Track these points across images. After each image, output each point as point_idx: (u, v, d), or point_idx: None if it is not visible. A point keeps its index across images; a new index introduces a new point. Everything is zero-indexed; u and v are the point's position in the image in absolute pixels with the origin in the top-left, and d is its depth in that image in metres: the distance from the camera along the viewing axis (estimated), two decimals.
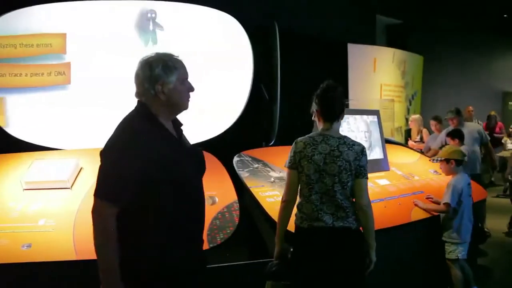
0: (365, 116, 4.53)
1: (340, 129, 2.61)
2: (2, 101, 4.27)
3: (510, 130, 9.19)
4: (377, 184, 4.19)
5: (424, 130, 7.31)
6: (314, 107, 2.63)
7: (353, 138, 2.60)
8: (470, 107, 9.09)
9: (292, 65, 6.12)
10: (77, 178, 3.35)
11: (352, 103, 7.00)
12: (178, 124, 2.03)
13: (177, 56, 1.98)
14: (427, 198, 4.06)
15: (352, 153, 2.50)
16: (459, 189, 3.75)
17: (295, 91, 6.26)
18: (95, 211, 1.77)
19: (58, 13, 4.41)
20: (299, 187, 2.53)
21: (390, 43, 10.18)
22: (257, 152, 4.16)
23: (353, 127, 4.27)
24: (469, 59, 12.81)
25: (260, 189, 3.44)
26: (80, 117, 4.37)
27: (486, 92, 13.44)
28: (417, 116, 7.64)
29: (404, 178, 4.47)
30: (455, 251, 3.76)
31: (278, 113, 5.52)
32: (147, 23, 4.55)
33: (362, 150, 2.54)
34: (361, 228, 2.55)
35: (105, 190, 1.77)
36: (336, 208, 2.46)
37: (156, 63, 1.89)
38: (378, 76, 8.70)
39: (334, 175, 2.46)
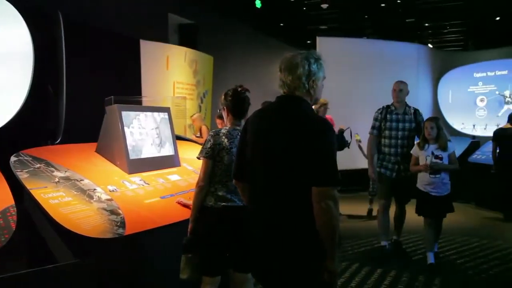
0: (155, 113, 4.57)
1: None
2: None
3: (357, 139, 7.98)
4: (168, 180, 4.28)
5: (203, 127, 7.84)
6: (223, 104, 3.01)
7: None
8: None
9: (80, 59, 5.80)
10: None
11: (146, 100, 6.97)
12: None
13: None
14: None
15: None
16: None
17: (83, 86, 5.96)
18: (331, 198, 1.89)
19: None
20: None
21: (183, 43, 10.44)
22: (39, 151, 3.83)
23: (143, 124, 4.25)
24: (253, 62, 14.00)
25: (43, 190, 3.19)
26: None
27: (267, 92, 14.88)
28: (197, 114, 8.27)
29: (194, 173, 4.66)
30: None
31: (64, 109, 5.16)
32: None
33: None
34: None
35: (336, 176, 1.92)
36: None
37: (313, 60, 2.09)
38: (171, 74, 8.85)
39: None
